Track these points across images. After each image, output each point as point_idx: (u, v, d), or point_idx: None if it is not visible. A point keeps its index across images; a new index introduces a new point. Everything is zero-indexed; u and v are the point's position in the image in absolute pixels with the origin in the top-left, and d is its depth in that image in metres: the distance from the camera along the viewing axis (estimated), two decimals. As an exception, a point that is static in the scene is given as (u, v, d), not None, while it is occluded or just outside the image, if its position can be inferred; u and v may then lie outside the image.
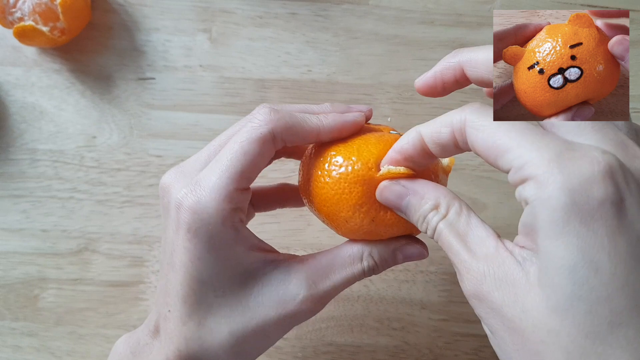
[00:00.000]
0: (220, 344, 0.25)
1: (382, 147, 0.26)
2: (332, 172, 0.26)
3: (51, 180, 0.42)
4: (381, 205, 0.26)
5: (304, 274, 0.26)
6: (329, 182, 0.26)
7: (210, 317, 0.25)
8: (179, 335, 0.25)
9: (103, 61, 0.44)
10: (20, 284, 0.41)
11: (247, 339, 0.25)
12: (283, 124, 0.25)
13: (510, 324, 0.19)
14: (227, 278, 0.25)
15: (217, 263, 0.25)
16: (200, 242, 0.24)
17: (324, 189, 0.26)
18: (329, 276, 0.26)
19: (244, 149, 0.25)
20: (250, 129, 0.25)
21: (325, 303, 0.27)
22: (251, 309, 0.25)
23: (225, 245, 0.25)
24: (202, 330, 0.25)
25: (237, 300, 0.25)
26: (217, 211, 0.24)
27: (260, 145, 0.25)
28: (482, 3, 0.45)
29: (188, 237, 0.24)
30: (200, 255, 0.24)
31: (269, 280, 0.26)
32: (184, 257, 0.25)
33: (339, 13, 0.45)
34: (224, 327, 0.25)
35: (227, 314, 0.25)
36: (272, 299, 0.25)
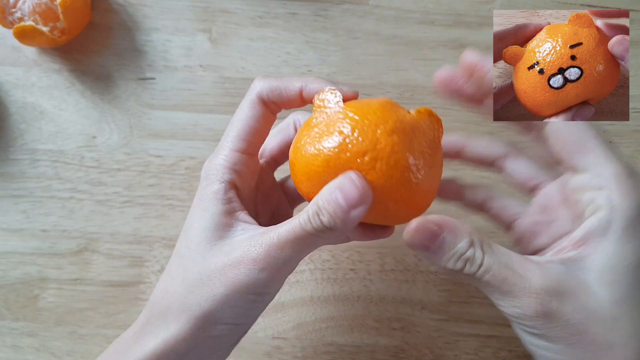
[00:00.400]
0: (174, 291, 0.26)
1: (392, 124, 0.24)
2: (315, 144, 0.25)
3: (51, 180, 0.42)
4: None
5: (259, 231, 0.26)
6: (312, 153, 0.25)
7: (175, 266, 0.27)
8: (156, 287, 0.28)
9: (103, 61, 0.44)
10: (20, 284, 0.41)
11: (194, 289, 0.25)
12: (268, 85, 0.28)
13: (577, 328, 0.22)
14: (199, 230, 0.26)
15: (199, 211, 0.27)
16: (198, 192, 0.28)
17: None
18: (278, 227, 0.25)
19: (238, 117, 0.28)
20: (244, 99, 0.29)
21: (270, 256, 0.24)
22: (205, 261, 0.26)
23: (210, 194, 0.27)
24: (167, 278, 0.27)
25: (197, 252, 0.26)
26: (215, 165, 0.27)
27: (250, 109, 0.28)
28: (482, 3, 0.45)
29: (197, 189, 0.28)
30: (194, 204, 0.28)
31: (231, 241, 0.26)
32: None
33: (339, 13, 0.45)
34: (180, 275, 0.26)
35: (186, 264, 0.26)
36: (225, 251, 0.26)
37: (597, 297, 0.22)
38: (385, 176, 0.24)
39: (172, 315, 0.26)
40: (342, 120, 0.25)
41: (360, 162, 0.24)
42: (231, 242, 0.26)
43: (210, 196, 0.27)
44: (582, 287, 0.22)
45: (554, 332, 0.23)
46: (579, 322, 0.22)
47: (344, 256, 0.41)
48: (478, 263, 0.23)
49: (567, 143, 0.24)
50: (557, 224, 0.27)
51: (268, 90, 0.28)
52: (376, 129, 0.24)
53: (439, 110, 0.43)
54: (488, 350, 0.40)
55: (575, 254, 0.24)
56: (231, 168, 0.27)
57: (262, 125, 0.29)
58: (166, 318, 0.26)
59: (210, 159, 0.28)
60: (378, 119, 0.24)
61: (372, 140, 0.24)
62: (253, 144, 0.28)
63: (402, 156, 0.24)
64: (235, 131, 0.28)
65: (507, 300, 0.23)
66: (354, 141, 0.24)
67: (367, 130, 0.24)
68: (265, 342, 0.40)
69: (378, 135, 0.24)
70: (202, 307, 0.25)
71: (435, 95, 0.43)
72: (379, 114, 0.25)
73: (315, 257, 0.41)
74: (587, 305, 0.22)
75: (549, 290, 0.22)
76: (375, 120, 0.24)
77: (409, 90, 0.44)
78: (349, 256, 0.41)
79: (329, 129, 0.25)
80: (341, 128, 0.24)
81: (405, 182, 0.24)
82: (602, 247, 0.23)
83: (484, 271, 0.23)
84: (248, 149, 0.28)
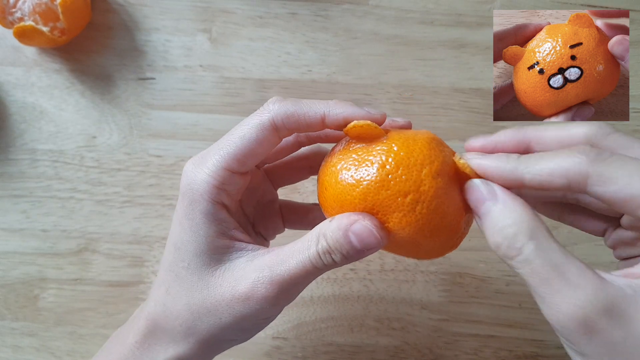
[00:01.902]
0: (178, 313, 0.26)
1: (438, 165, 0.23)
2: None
3: (51, 180, 0.42)
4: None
5: (264, 260, 0.25)
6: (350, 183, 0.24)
7: (175, 286, 0.26)
8: (152, 297, 0.27)
9: (103, 61, 0.44)
10: (20, 284, 0.41)
11: (200, 316, 0.26)
12: (284, 111, 0.26)
13: (622, 355, 0.20)
14: (195, 253, 0.26)
15: (190, 234, 0.26)
16: (183, 207, 0.26)
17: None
18: (286, 261, 0.24)
19: (241, 134, 0.26)
20: (253, 116, 0.26)
21: (282, 292, 0.25)
22: (209, 289, 0.26)
23: (201, 217, 0.26)
24: (167, 296, 0.27)
25: (198, 277, 0.26)
26: (202, 182, 0.25)
27: (257, 131, 0.26)
28: (482, 3, 0.45)
29: (180, 199, 0.26)
30: (181, 219, 0.26)
31: (232, 266, 0.26)
32: (174, 217, 0.27)
33: (339, 13, 0.45)
34: (183, 299, 0.26)
35: (188, 287, 0.26)
36: (229, 281, 0.25)
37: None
38: (425, 220, 0.23)
39: (180, 336, 0.26)
40: (386, 153, 0.23)
41: (401, 201, 0.23)
42: (232, 268, 0.26)
43: (201, 216, 0.26)
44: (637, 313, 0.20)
45: (595, 351, 0.20)
46: (628, 349, 0.20)
47: (344, 256, 0.41)
48: (518, 246, 0.21)
49: (619, 204, 0.21)
50: None
51: (284, 117, 0.26)
52: (422, 169, 0.23)
53: (439, 110, 0.43)
54: (488, 350, 0.40)
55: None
56: (221, 188, 0.26)
57: (264, 149, 0.27)
58: (174, 337, 0.26)
59: (195, 166, 0.26)
60: (424, 158, 0.23)
61: (417, 181, 0.23)
62: (247, 165, 0.26)
63: (444, 201, 0.23)
64: (232, 149, 0.26)
65: (545, 304, 0.21)
66: (397, 179, 0.23)
67: (412, 170, 0.23)
68: (265, 342, 0.40)
69: (423, 176, 0.23)
70: (210, 333, 0.26)
71: (435, 94, 0.43)
72: (425, 152, 0.23)
73: (315, 257, 0.41)
74: (637, 330, 0.19)
75: (600, 306, 0.20)
76: (422, 160, 0.23)
77: (409, 90, 0.44)
78: (349, 256, 0.41)
79: (369, 159, 0.23)
80: (384, 161, 0.23)
81: (444, 228, 0.23)
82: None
83: (524, 259, 0.21)
84: (241, 169, 0.26)
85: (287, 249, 0.25)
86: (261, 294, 0.24)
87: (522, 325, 0.41)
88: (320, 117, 0.26)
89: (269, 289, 0.24)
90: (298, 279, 0.24)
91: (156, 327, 0.27)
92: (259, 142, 0.26)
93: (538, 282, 0.20)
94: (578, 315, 0.20)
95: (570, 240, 0.41)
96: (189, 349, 0.26)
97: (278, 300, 0.25)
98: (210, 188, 0.25)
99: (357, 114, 0.25)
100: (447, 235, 0.24)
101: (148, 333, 0.27)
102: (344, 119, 0.25)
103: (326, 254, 0.24)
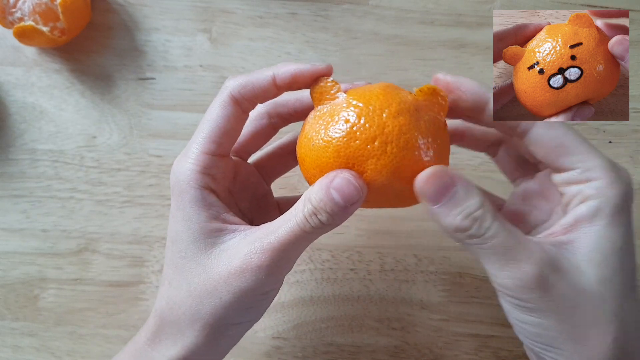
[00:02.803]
0: (181, 302, 0.27)
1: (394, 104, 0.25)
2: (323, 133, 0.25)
3: (51, 180, 0.42)
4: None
5: (256, 235, 0.26)
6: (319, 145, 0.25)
7: (176, 277, 0.27)
8: (158, 295, 0.28)
9: (103, 61, 0.44)
10: (20, 284, 0.41)
11: (202, 299, 0.26)
12: (238, 83, 0.27)
13: (569, 304, 0.24)
14: (189, 240, 0.27)
15: (182, 223, 0.27)
16: (174, 201, 0.27)
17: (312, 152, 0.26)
18: (275, 231, 0.25)
19: (209, 118, 0.27)
20: (215, 99, 0.28)
21: (275, 260, 0.25)
22: (206, 271, 0.26)
23: (189, 205, 0.27)
24: (170, 289, 0.27)
25: (196, 263, 0.26)
26: (186, 170, 0.27)
27: (221, 109, 0.27)
28: (482, 3, 0.45)
29: (171, 196, 0.28)
30: (173, 213, 0.27)
31: (227, 246, 0.26)
32: (169, 215, 0.28)
33: (338, 13, 0.45)
34: (184, 287, 0.27)
35: (187, 275, 0.27)
36: (224, 260, 0.26)
37: (586, 276, 0.24)
38: (398, 158, 0.24)
39: (186, 325, 0.27)
40: (346, 109, 0.25)
41: (371, 148, 0.24)
42: (227, 248, 0.26)
43: (190, 204, 0.27)
44: (573, 267, 0.24)
45: (548, 305, 0.24)
46: (571, 298, 0.23)
47: (344, 256, 0.41)
48: (486, 225, 0.23)
49: (550, 149, 0.25)
50: (536, 214, 0.29)
51: (239, 87, 0.27)
52: (381, 113, 0.24)
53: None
54: (488, 350, 0.40)
55: (565, 237, 0.25)
56: (204, 172, 0.27)
57: (233, 125, 0.28)
58: (180, 327, 0.27)
59: (178, 160, 0.28)
60: (382, 103, 0.25)
61: (379, 124, 0.24)
62: (224, 146, 0.28)
63: (411, 136, 0.24)
64: (205, 132, 0.27)
65: (507, 269, 0.23)
66: (361, 128, 0.24)
67: (373, 116, 0.24)
68: (265, 342, 0.40)
69: (384, 119, 0.24)
70: (214, 315, 0.26)
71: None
72: (381, 98, 0.25)
73: (315, 257, 0.41)
74: (578, 283, 0.23)
75: (547, 263, 0.23)
76: (380, 105, 0.25)
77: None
78: (349, 256, 0.41)
79: (333, 119, 0.25)
80: (347, 117, 0.25)
81: (417, 162, 0.24)
82: (591, 231, 0.24)
83: (491, 235, 0.23)
84: (218, 151, 0.27)
85: (277, 220, 0.26)
86: (255, 264, 0.25)
87: (522, 325, 0.41)
88: (270, 78, 0.27)
89: (261, 257, 0.25)
90: (288, 245, 0.25)
91: (163, 322, 0.27)
92: (226, 119, 0.27)
93: (503, 250, 0.23)
94: (536, 274, 0.23)
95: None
96: (196, 337, 0.26)
97: (272, 269, 0.25)
98: (194, 175, 0.27)
99: (302, 68, 0.27)
100: (423, 169, 0.25)
101: (157, 329, 0.28)
102: (292, 75, 0.27)
103: (312, 215, 0.24)
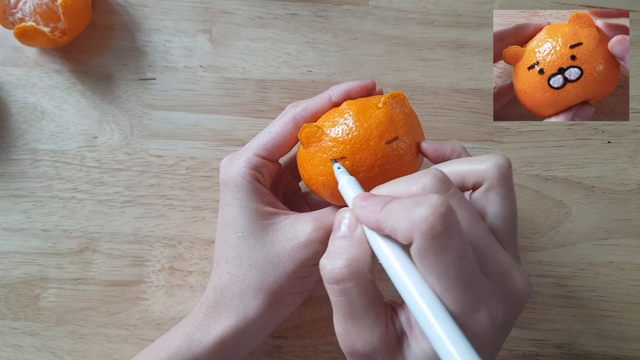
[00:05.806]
0: (244, 275, 0.30)
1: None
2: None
3: (52, 180, 0.42)
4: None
5: (311, 216, 0.31)
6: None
7: (234, 254, 0.31)
8: (212, 275, 0.32)
9: (104, 62, 0.44)
10: (21, 283, 0.41)
11: (266, 270, 0.30)
12: (300, 109, 0.32)
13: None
14: (246, 222, 0.31)
15: (239, 209, 0.31)
16: (228, 192, 0.32)
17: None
18: (332, 213, 0.30)
19: (267, 131, 0.33)
20: (279, 116, 0.33)
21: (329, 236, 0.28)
22: (267, 245, 0.30)
23: (244, 194, 0.31)
24: (228, 266, 0.31)
25: (255, 240, 0.30)
26: (239, 168, 0.32)
27: (281, 127, 0.32)
28: (482, 3, 0.45)
29: (221, 189, 0.32)
30: (228, 201, 0.32)
31: (282, 226, 0.31)
32: (219, 207, 0.33)
33: (338, 14, 0.45)
34: (245, 261, 0.30)
35: (247, 250, 0.30)
36: (285, 235, 0.30)
37: None
38: (381, 172, 0.29)
39: (251, 295, 0.30)
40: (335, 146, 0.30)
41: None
42: (284, 226, 0.31)
43: (246, 193, 0.31)
44: None
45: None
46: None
47: (345, 256, 0.41)
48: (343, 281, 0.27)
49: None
50: None
51: (302, 111, 0.32)
52: (368, 142, 0.29)
53: (439, 111, 0.43)
54: (488, 349, 0.40)
55: None
56: (255, 169, 0.32)
57: (288, 142, 0.33)
58: (243, 298, 0.30)
59: (229, 160, 0.33)
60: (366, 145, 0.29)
61: (367, 156, 0.29)
62: (274, 155, 0.33)
63: (389, 160, 0.29)
64: (261, 141, 0.32)
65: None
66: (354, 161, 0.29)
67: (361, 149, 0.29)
68: (265, 341, 0.40)
69: (370, 153, 0.29)
70: (278, 284, 0.30)
71: (434, 95, 0.44)
72: (361, 138, 0.29)
73: (315, 257, 0.41)
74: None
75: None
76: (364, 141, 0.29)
77: (409, 90, 0.44)
78: (350, 256, 0.41)
79: (324, 163, 0.30)
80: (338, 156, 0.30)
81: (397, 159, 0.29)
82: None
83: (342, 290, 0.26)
84: (268, 157, 0.32)
85: (329, 208, 0.31)
86: (318, 238, 0.30)
87: (522, 325, 0.41)
88: (328, 100, 0.32)
89: (322, 234, 0.30)
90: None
91: (224, 295, 0.31)
92: (283, 135, 0.32)
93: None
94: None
95: (569, 240, 0.41)
96: (259, 305, 0.30)
97: (326, 242, 0.29)
98: (247, 171, 0.32)
99: (353, 85, 0.32)
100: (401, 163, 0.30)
101: (217, 302, 0.31)
102: (345, 92, 0.32)
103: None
